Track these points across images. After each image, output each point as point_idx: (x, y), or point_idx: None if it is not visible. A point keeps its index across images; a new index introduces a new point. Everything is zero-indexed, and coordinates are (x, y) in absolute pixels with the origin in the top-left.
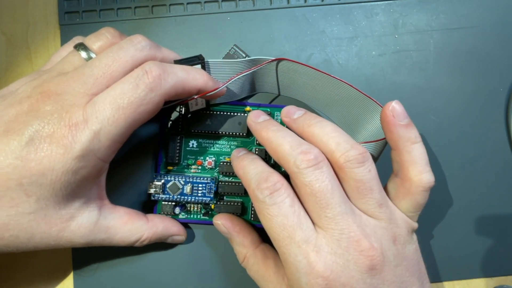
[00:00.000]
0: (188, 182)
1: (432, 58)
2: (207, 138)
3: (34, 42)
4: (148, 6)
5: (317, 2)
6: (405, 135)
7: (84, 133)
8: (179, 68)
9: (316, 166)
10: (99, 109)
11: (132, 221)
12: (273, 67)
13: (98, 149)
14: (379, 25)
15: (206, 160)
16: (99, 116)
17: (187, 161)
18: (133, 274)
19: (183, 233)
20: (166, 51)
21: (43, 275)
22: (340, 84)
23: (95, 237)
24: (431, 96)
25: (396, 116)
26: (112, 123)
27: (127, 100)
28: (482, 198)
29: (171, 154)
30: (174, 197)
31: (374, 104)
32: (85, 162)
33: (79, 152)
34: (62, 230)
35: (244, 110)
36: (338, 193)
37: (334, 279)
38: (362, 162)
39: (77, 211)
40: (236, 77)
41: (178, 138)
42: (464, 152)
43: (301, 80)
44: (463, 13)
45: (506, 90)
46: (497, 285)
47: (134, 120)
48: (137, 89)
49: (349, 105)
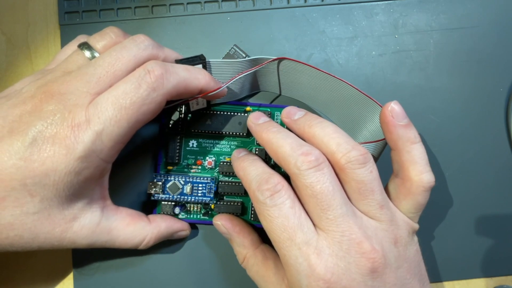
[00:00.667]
0: (188, 182)
1: (432, 58)
2: (207, 138)
3: (34, 42)
4: (148, 6)
5: (317, 2)
6: (405, 135)
7: (87, 134)
8: (181, 68)
9: (317, 168)
10: (101, 109)
11: (134, 222)
12: (274, 66)
13: (100, 150)
14: (379, 25)
15: (206, 160)
16: (101, 117)
17: (187, 161)
18: (133, 274)
19: (187, 227)
20: (168, 51)
21: (43, 275)
22: (341, 84)
23: (97, 238)
24: (431, 96)
25: (395, 117)
26: (114, 124)
27: (130, 100)
28: (482, 198)
29: (171, 154)
30: (174, 197)
31: (375, 104)
32: (88, 163)
33: (82, 153)
34: (65, 231)
35: (244, 110)
36: (339, 195)
37: (335, 281)
38: (363, 163)
39: (80, 211)
40: (237, 77)
41: (178, 137)
42: (464, 152)
43: (302, 79)
44: (463, 13)
45: (506, 90)
46: (497, 285)
47: (137, 120)
48: (139, 88)
49: (350, 105)
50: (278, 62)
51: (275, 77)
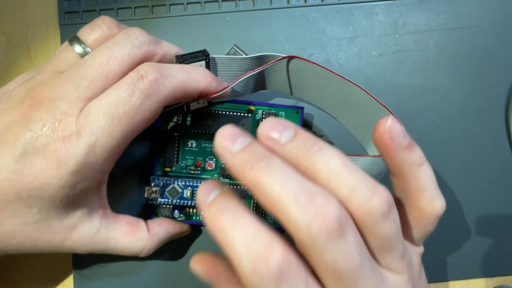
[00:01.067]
0: (188, 186)
1: (432, 58)
2: (208, 139)
3: (34, 42)
4: (148, 6)
5: (317, 2)
6: (410, 159)
7: (78, 146)
8: (179, 70)
9: (340, 234)
10: (93, 120)
11: (133, 232)
12: (283, 65)
13: (94, 162)
14: (379, 25)
15: (206, 162)
16: (93, 128)
17: (186, 162)
18: (134, 275)
19: (186, 228)
20: (167, 46)
21: (43, 275)
22: (353, 88)
23: (95, 246)
24: (431, 96)
25: (395, 138)
26: (107, 135)
27: (122, 109)
28: (482, 198)
29: (169, 155)
30: (173, 201)
31: (387, 111)
32: (82, 176)
33: (74, 167)
34: (64, 240)
35: (248, 109)
36: (367, 264)
37: None
38: (387, 215)
39: (79, 220)
40: (243, 76)
41: (176, 138)
42: (464, 152)
43: (312, 80)
44: (463, 13)
45: (506, 90)
46: (497, 285)
47: (131, 130)
48: (132, 96)
49: (361, 110)
50: (288, 61)
51: (284, 76)
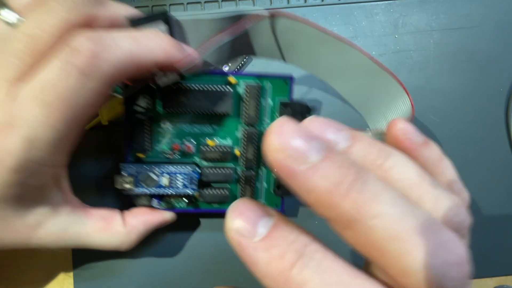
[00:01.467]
0: (163, 173)
1: (432, 58)
2: (184, 118)
3: None
4: (148, 6)
5: (317, 2)
6: (431, 155)
7: (12, 141)
8: (125, 37)
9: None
10: (24, 108)
11: (107, 227)
12: (266, 26)
13: (39, 156)
14: (379, 25)
15: (185, 144)
16: (25, 117)
17: (161, 145)
18: (134, 275)
19: (169, 217)
20: (114, 6)
21: (43, 275)
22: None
23: (68, 243)
24: (431, 96)
25: (413, 137)
26: (46, 126)
27: (54, 93)
28: (482, 198)
29: (139, 139)
30: (150, 191)
31: (390, 77)
32: (28, 173)
33: (13, 164)
34: (30, 238)
35: (226, 81)
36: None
37: None
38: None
39: (44, 217)
40: (214, 42)
41: (147, 119)
42: (464, 152)
43: (302, 43)
44: (463, 13)
45: (506, 90)
46: (497, 285)
47: (74, 117)
48: (66, 76)
49: (362, 77)
50: (271, 21)
51: (271, 39)
